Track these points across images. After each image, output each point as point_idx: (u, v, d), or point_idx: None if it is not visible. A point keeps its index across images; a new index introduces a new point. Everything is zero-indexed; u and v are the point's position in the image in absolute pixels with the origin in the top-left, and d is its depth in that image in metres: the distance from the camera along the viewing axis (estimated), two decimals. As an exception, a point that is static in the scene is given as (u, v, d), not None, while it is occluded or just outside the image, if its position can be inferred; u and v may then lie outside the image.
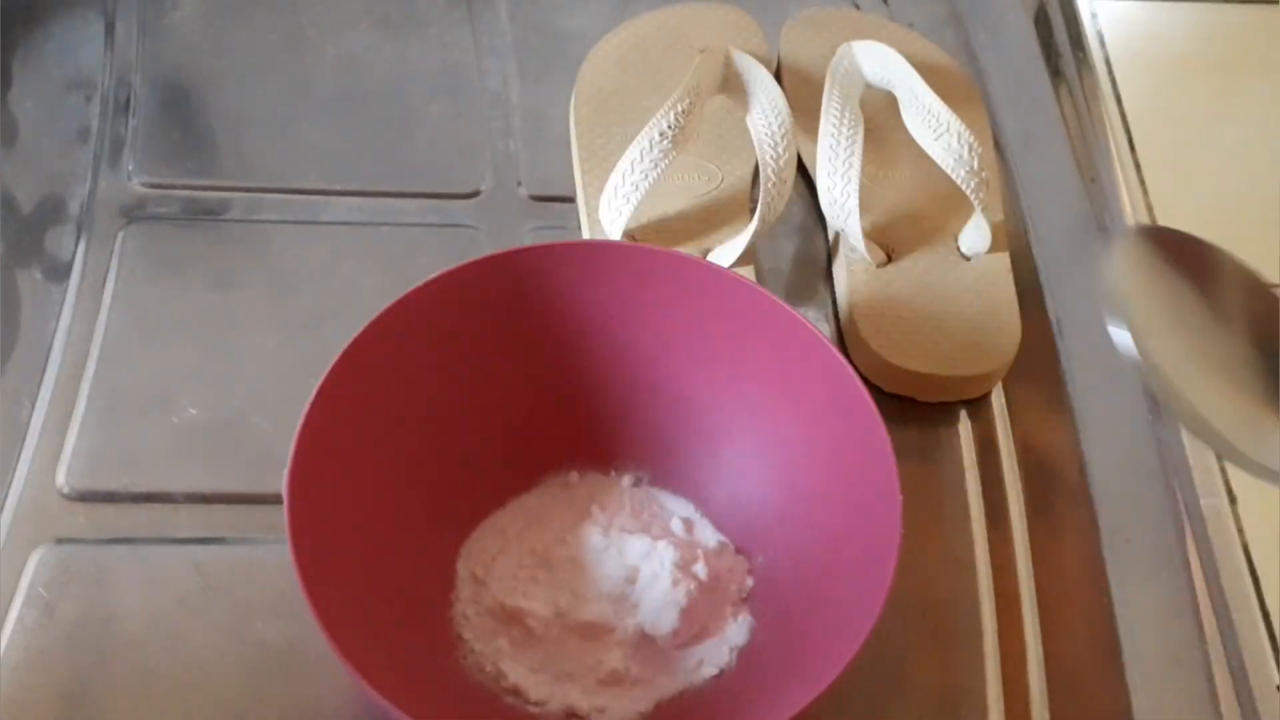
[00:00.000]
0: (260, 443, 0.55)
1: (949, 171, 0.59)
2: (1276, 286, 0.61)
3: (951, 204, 0.62)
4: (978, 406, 0.60)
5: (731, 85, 0.61)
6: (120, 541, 0.52)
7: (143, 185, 0.64)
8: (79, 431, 0.55)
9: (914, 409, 0.59)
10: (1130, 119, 0.69)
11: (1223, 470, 0.56)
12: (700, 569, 0.50)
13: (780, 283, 0.63)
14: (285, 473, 0.44)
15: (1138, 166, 0.68)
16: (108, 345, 0.57)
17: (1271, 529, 0.54)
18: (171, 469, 0.54)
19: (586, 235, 0.62)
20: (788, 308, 0.50)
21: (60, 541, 0.52)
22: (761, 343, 0.50)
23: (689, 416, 0.53)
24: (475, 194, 0.65)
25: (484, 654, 0.48)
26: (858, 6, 0.74)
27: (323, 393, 0.46)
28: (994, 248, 0.61)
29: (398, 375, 0.49)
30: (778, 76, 0.67)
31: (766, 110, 0.59)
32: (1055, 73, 0.71)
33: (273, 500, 0.44)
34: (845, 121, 0.60)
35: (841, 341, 0.60)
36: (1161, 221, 0.65)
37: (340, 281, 0.61)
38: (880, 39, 0.63)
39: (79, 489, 0.53)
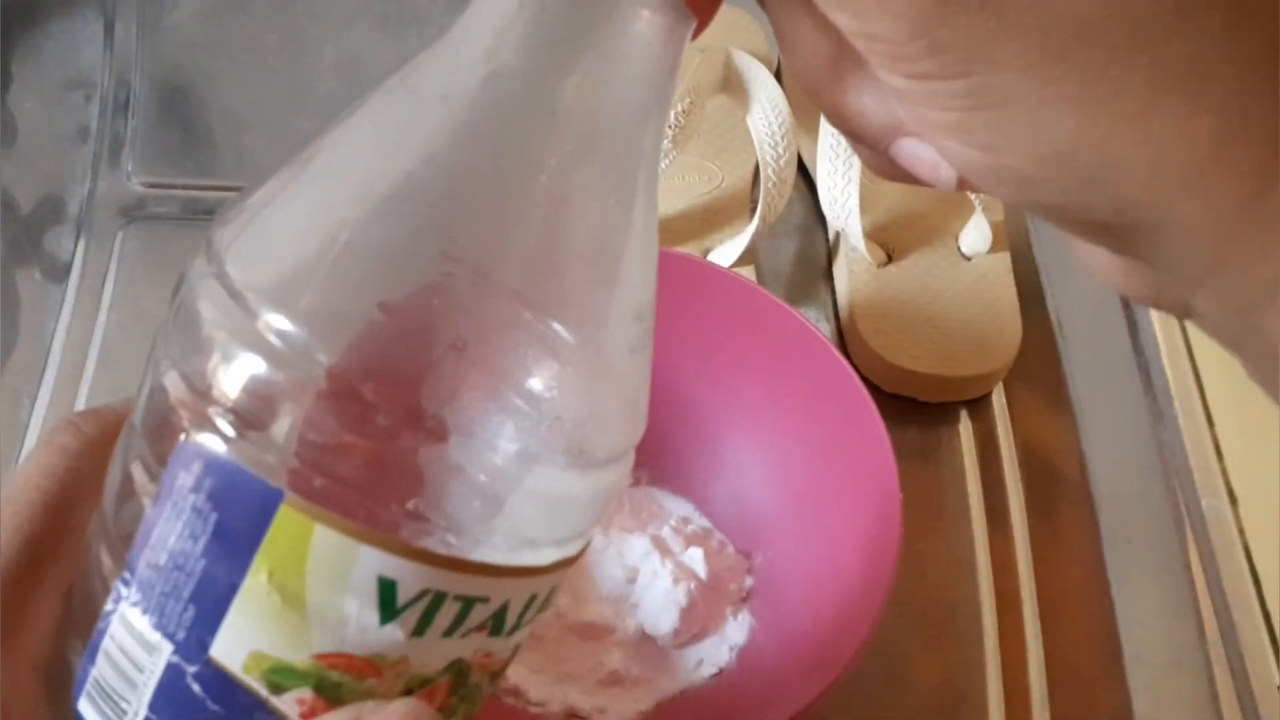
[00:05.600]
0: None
1: (949, 171, 0.59)
2: None
3: (952, 204, 0.62)
4: (978, 406, 0.59)
5: (732, 84, 0.61)
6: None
7: (142, 185, 0.64)
8: (78, 431, 0.55)
9: (914, 409, 0.59)
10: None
11: (1224, 471, 0.56)
12: (700, 568, 0.50)
13: (780, 282, 0.63)
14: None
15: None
16: (107, 345, 0.57)
17: (1272, 530, 0.54)
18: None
19: (586, 235, 0.61)
20: (788, 307, 0.49)
21: (59, 541, 0.52)
22: (761, 342, 0.50)
23: (688, 416, 0.52)
24: (475, 194, 0.65)
25: (484, 654, 0.48)
26: (858, 6, 0.74)
27: (322, 392, 0.46)
28: (994, 247, 0.61)
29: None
30: (778, 76, 0.67)
31: (767, 110, 0.59)
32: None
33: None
34: (845, 121, 0.60)
35: (842, 341, 0.60)
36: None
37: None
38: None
39: (78, 489, 0.53)
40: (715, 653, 0.49)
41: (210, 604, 0.24)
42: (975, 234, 0.61)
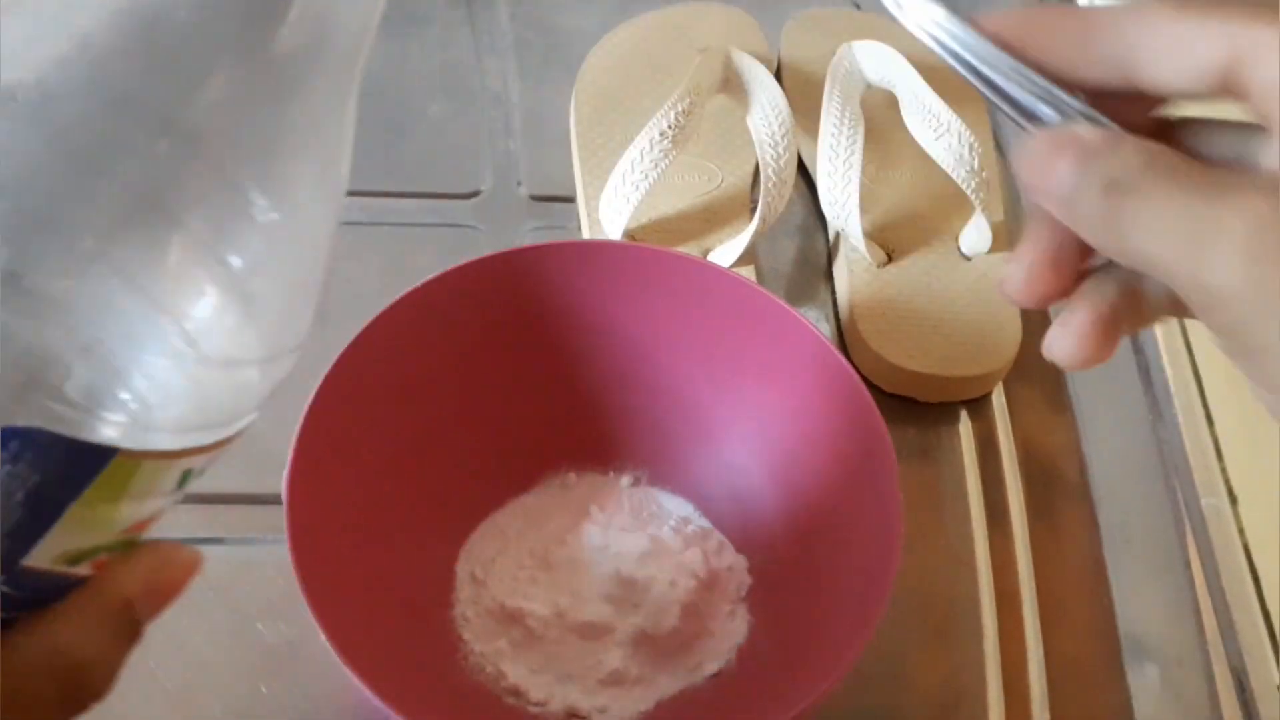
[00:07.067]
0: (260, 443, 0.54)
1: (949, 171, 0.59)
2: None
3: (952, 204, 0.62)
4: (978, 406, 0.59)
5: (732, 85, 0.61)
6: (120, 542, 0.52)
7: (143, 185, 0.64)
8: (79, 432, 0.55)
9: (914, 409, 0.59)
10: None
11: (1223, 470, 0.57)
12: (700, 568, 0.50)
13: (780, 283, 0.63)
14: (285, 473, 0.44)
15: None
16: (108, 345, 0.57)
17: (1272, 529, 0.54)
18: (171, 469, 0.54)
19: (586, 235, 0.62)
20: (788, 307, 0.49)
21: (60, 542, 0.52)
22: (761, 343, 0.50)
23: (688, 416, 0.53)
24: (475, 194, 0.65)
25: (484, 655, 0.49)
26: (858, 6, 0.74)
27: (322, 393, 0.46)
28: (995, 248, 0.61)
29: (397, 375, 0.49)
30: (778, 76, 0.67)
31: (767, 110, 0.59)
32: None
33: (272, 500, 0.44)
34: (846, 121, 0.60)
35: (842, 341, 0.60)
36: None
37: (340, 281, 0.60)
38: (881, 39, 0.63)
39: (79, 489, 0.53)
40: (715, 652, 0.49)
41: (25, 536, 0.26)
42: (975, 234, 0.61)
